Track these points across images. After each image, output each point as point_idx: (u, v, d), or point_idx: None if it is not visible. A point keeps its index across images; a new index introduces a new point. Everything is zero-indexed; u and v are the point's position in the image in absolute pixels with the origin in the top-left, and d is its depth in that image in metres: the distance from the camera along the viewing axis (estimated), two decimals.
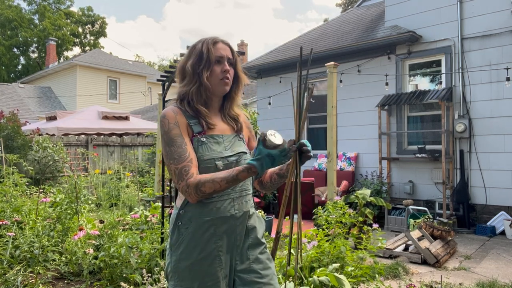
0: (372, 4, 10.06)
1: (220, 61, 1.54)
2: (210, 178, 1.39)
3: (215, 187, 1.38)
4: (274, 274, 1.58)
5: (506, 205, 6.09)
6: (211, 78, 1.53)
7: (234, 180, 1.38)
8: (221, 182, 1.38)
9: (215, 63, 1.53)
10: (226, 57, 1.54)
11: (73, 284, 3.61)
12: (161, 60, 46.77)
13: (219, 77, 1.53)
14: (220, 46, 1.55)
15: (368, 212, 4.85)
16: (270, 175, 1.69)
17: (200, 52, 1.53)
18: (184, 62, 1.57)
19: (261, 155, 1.36)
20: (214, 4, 74.22)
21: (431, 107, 6.98)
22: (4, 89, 20.16)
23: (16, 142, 7.91)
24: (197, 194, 1.40)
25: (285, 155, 1.37)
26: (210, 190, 1.39)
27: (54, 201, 4.33)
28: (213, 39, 1.56)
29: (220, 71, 1.53)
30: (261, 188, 1.73)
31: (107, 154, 10.58)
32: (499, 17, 6.26)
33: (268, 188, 1.70)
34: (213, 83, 1.54)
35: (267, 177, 1.71)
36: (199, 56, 1.53)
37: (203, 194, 1.40)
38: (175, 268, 1.48)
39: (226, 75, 1.53)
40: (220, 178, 1.38)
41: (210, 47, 1.53)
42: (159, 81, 4.39)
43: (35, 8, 31.73)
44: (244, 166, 1.38)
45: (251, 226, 1.56)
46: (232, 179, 1.38)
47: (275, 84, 8.98)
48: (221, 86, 1.54)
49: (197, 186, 1.39)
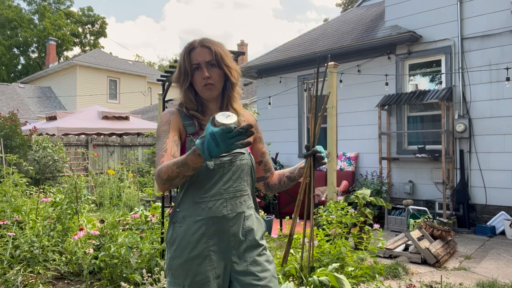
0: (372, 4, 10.06)
1: (198, 67, 1.53)
2: (166, 163, 1.35)
3: (168, 172, 1.33)
4: (274, 276, 1.56)
5: (506, 205, 6.09)
6: (195, 86, 1.55)
7: (184, 164, 1.30)
8: (173, 166, 1.32)
9: (194, 71, 1.53)
10: (203, 62, 1.52)
11: (73, 284, 3.61)
12: (161, 60, 46.79)
13: (201, 84, 1.53)
14: (196, 52, 1.53)
15: (368, 212, 4.85)
16: (279, 177, 1.69)
17: (179, 65, 1.56)
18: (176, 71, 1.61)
19: (204, 134, 1.20)
20: (214, 4, 74.27)
21: (431, 107, 6.98)
22: (4, 89, 20.16)
23: (14, 141, 7.90)
24: (158, 180, 1.37)
25: (231, 137, 1.14)
26: (165, 176, 1.33)
27: (54, 201, 4.33)
28: (189, 46, 1.55)
29: (200, 79, 1.53)
30: (268, 189, 1.72)
31: (107, 154, 10.58)
32: (499, 17, 6.26)
33: (276, 190, 1.70)
34: (198, 90, 1.55)
35: (275, 179, 1.70)
36: (178, 69, 1.57)
37: (161, 180, 1.35)
38: (169, 265, 1.50)
39: (207, 81, 1.52)
40: (173, 162, 1.33)
41: (186, 57, 1.53)
42: (159, 81, 4.39)
43: (35, 8, 31.74)
44: (192, 149, 1.27)
45: (248, 227, 1.54)
46: (181, 162, 1.30)
47: (275, 84, 8.98)
48: (205, 92, 1.54)
49: (158, 173, 1.36)
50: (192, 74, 1.54)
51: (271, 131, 9.00)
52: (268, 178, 1.72)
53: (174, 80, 1.60)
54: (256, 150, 1.69)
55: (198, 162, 1.27)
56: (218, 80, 1.54)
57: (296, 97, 8.72)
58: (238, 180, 1.53)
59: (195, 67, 1.53)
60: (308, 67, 8.42)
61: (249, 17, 74.89)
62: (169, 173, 1.33)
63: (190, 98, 1.56)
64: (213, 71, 1.53)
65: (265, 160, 1.72)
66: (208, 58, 1.52)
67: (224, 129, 1.12)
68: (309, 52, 8.30)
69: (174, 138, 1.50)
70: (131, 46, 72.04)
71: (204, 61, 1.52)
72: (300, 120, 8.69)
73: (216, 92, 1.56)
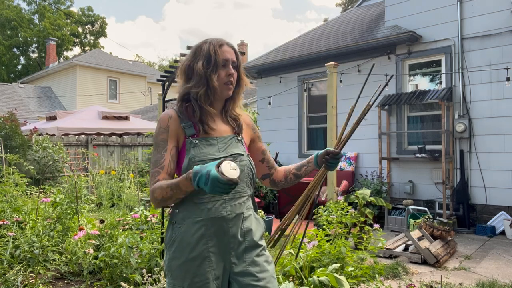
0: (372, 4, 10.06)
1: (226, 64, 1.53)
2: (160, 184, 1.41)
3: (162, 194, 1.40)
4: (273, 276, 1.56)
5: (506, 205, 6.09)
6: (217, 81, 1.53)
7: (176, 187, 1.36)
8: (167, 188, 1.38)
9: (221, 66, 1.53)
10: (231, 61, 1.54)
11: (73, 284, 3.61)
12: (161, 60, 46.79)
13: (223, 80, 1.53)
14: (226, 49, 1.54)
15: (368, 212, 4.85)
16: (285, 174, 1.70)
17: (208, 54, 1.52)
18: (189, 62, 1.56)
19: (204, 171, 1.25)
20: (214, 4, 74.25)
21: (431, 107, 6.98)
22: (4, 89, 20.16)
23: (14, 141, 7.90)
24: (152, 199, 1.43)
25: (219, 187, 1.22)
26: (159, 197, 1.40)
27: (54, 201, 4.33)
28: (218, 41, 1.55)
29: (225, 75, 1.53)
30: (274, 186, 1.74)
31: (107, 154, 10.58)
32: (499, 17, 6.26)
33: (282, 186, 1.73)
34: (217, 86, 1.54)
35: (281, 175, 1.72)
36: (207, 58, 1.52)
37: (155, 200, 1.42)
38: (168, 267, 1.50)
39: (230, 79, 1.54)
40: (166, 184, 1.39)
41: (217, 49, 1.52)
42: (159, 81, 4.39)
43: (35, 8, 31.74)
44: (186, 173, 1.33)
45: (247, 228, 1.53)
46: (174, 186, 1.36)
47: (275, 84, 8.98)
48: (225, 90, 1.55)
49: (152, 192, 1.43)
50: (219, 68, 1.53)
51: (271, 131, 9.00)
52: (273, 175, 1.73)
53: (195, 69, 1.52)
54: (256, 149, 1.71)
55: (189, 187, 1.33)
56: (235, 81, 1.57)
57: (296, 97, 8.72)
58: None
59: (223, 63, 1.53)
60: (308, 67, 8.42)
61: (249, 17, 74.95)
62: (163, 195, 1.39)
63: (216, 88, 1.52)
64: (234, 72, 1.56)
65: (267, 157, 1.74)
66: (234, 58, 1.56)
67: (219, 178, 1.21)
68: (309, 52, 8.30)
69: (172, 152, 1.50)
70: (131, 46, 72.09)
71: (232, 59, 1.55)
72: (300, 120, 8.69)
73: (231, 93, 1.57)
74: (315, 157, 1.65)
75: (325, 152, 1.61)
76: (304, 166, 1.67)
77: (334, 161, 1.60)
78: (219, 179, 1.20)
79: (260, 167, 1.71)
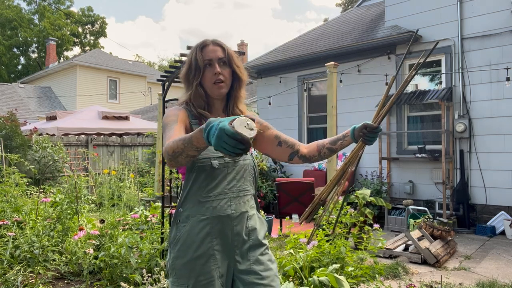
0: (372, 4, 10.06)
1: (210, 64, 1.53)
2: (173, 139, 1.32)
3: (174, 147, 1.27)
4: (276, 275, 1.57)
5: (506, 205, 6.09)
6: (204, 83, 1.54)
7: (189, 141, 1.22)
8: (179, 141, 1.26)
9: (205, 67, 1.53)
10: (216, 59, 1.53)
11: (73, 284, 3.61)
12: (161, 60, 46.75)
13: (211, 80, 1.53)
14: (209, 48, 1.54)
15: (368, 212, 4.85)
16: (319, 149, 1.63)
17: (189, 60, 1.56)
18: (181, 71, 1.61)
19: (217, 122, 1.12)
20: (214, 4, 74.24)
21: (431, 107, 6.98)
22: (4, 89, 20.16)
23: (14, 141, 7.91)
24: (165, 155, 1.32)
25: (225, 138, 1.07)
26: (171, 151, 1.28)
27: (54, 201, 4.33)
28: (202, 43, 1.57)
29: (211, 75, 1.52)
30: (306, 161, 1.67)
31: (107, 154, 10.58)
32: (499, 17, 6.26)
33: (315, 160, 1.66)
34: (207, 87, 1.54)
35: (314, 150, 1.64)
36: (188, 65, 1.56)
37: (168, 155, 1.30)
38: (172, 265, 1.49)
39: (218, 77, 1.52)
40: (179, 138, 1.28)
41: (198, 53, 1.54)
42: (159, 81, 4.39)
43: (35, 8, 31.74)
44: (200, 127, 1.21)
45: (252, 227, 1.55)
46: (188, 138, 1.24)
47: (275, 84, 8.99)
48: (215, 89, 1.54)
49: (165, 148, 1.33)
50: (204, 70, 1.53)
51: None
52: (300, 151, 1.66)
53: (183, 77, 1.58)
54: (268, 137, 1.67)
55: (201, 142, 1.20)
56: (228, 78, 1.55)
57: (296, 97, 8.73)
58: (242, 179, 1.54)
59: (207, 63, 1.53)
60: (308, 67, 8.42)
61: (249, 17, 74.92)
62: (174, 148, 1.27)
63: (201, 94, 1.55)
64: (224, 69, 1.54)
65: (283, 139, 1.67)
66: (221, 55, 1.54)
67: (226, 129, 1.07)
68: (309, 52, 8.30)
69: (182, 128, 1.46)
70: (131, 46, 72.06)
71: (217, 57, 1.53)
72: (300, 120, 8.69)
73: (225, 90, 1.56)
74: (351, 130, 1.56)
75: (362, 125, 1.53)
76: (340, 141, 1.59)
77: (372, 134, 1.52)
78: (226, 130, 1.06)
79: (280, 151, 1.66)
